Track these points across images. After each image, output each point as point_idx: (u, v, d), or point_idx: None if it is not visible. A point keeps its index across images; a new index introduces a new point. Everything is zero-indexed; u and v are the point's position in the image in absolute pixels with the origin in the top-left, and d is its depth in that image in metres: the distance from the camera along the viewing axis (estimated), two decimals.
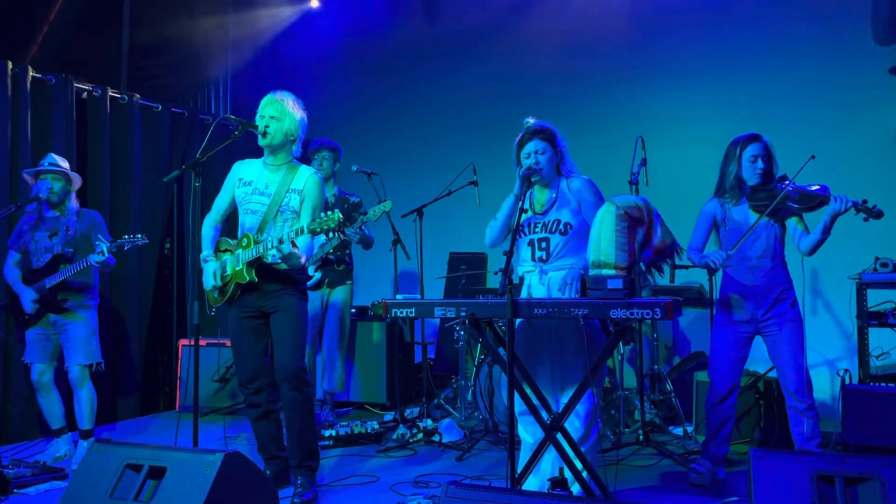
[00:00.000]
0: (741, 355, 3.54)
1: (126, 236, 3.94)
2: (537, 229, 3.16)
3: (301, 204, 3.37)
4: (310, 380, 3.43)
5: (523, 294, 3.18)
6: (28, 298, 4.02)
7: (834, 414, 4.48)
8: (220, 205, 3.55)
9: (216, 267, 3.39)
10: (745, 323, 3.50)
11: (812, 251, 3.43)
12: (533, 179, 3.12)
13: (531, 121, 3.23)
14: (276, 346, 3.38)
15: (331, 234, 3.13)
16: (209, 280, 3.39)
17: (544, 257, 3.14)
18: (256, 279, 3.29)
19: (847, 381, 3.96)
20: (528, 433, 3.16)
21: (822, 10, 5.27)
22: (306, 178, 3.40)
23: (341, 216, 3.04)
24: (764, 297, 3.45)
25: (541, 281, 3.15)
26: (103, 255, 3.84)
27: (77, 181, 4.17)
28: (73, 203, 4.15)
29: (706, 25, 5.64)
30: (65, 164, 4.14)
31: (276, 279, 3.36)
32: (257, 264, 3.30)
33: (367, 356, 5.48)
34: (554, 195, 3.19)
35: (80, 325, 4.06)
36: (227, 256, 3.40)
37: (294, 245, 3.15)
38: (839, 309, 5.08)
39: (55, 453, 4.08)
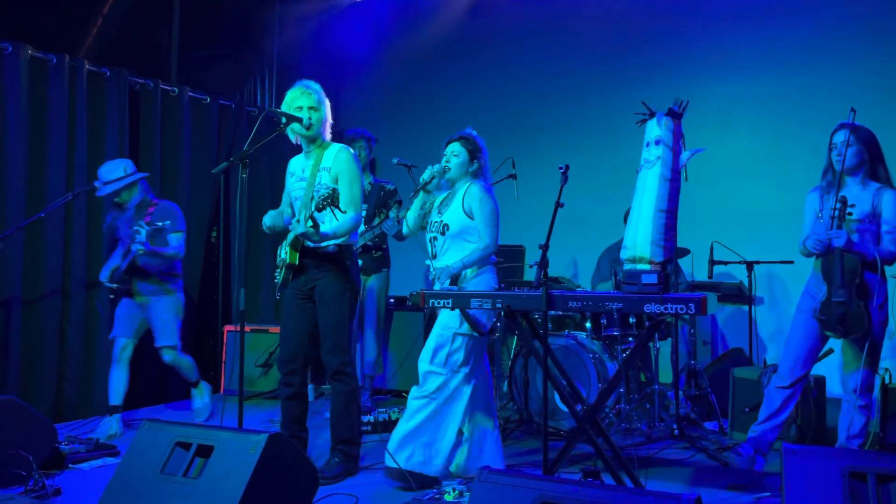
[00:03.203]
0: (816, 344, 3.45)
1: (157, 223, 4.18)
2: (433, 229, 3.46)
3: (336, 181, 3.46)
4: (352, 372, 3.54)
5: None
6: (104, 275, 4.40)
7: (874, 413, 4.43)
8: (284, 199, 3.74)
9: (275, 213, 3.58)
10: None
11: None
12: (436, 177, 3.47)
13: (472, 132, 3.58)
14: (320, 339, 3.51)
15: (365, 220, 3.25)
16: (269, 219, 3.55)
17: (435, 254, 3.44)
18: (297, 262, 3.44)
19: (887, 380, 3.92)
20: None
21: (868, 2, 5.16)
22: (335, 154, 3.50)
23: (338, 191, 3.22)
24: None
25: (433, 277, 3.43)
26: (142, 246, 4.06)
27: (137, 178, 4.41)
28: (140, 195, 4.42)
29: (747, 18, 5.56)
30: (114, 173, 4.33)
31: (318, 263, 3.48)
32: (300, 246, 3.44)
33: (405, 345, 5.58)
34: (451, 199, 3.46)
35: (160, 307, 4.42)
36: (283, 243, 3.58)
37: (315, 223, 3.24)
38: None
39: (108, 431, 4.27)
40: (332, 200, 3.19)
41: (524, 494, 2.03)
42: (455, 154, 3.47)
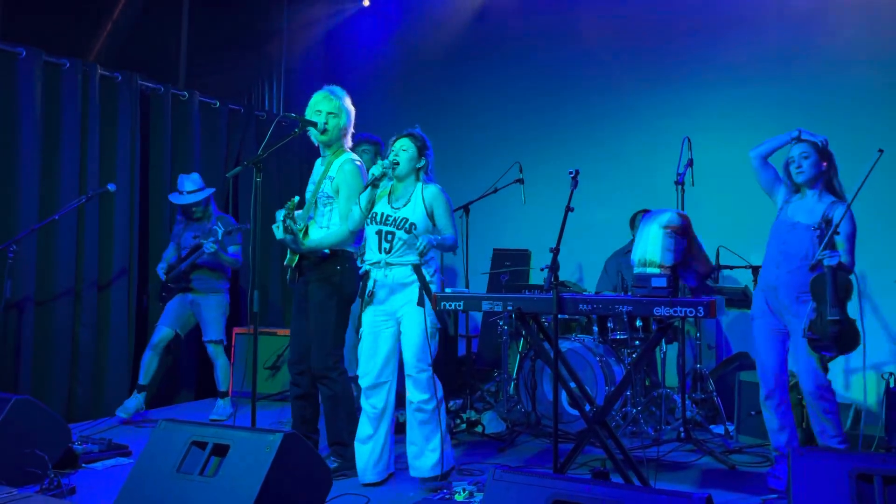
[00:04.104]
0: (778, 347, 3.48)
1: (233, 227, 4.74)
2: (388, 222, 3.43)
3: (337, 191, 3.54)
4: (337, 378, 3.54)
5: (369, 288, 3.47)
6: (160, 268, 4.90)
7: (879, 418, 4.46)
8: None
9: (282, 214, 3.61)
10: (774, 314, 3.47)
11: None
12: (388, 174, 3.46)
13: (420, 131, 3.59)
14: (310, 343, 3.57)
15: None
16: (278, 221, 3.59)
17: (388, 249, 3.40)
18: (294, 264, 3.53)
19: (891, 385, 3.95)
20: (369, 405, 3.44)
21: (877, 10, 5.19)
22: (340, 164, 3.57)
23: (297, 199, 3.33)
24: (786, 295, 3.40)
25: (385, 276, 3.41)
26: (215, 245, 4.58)
27: (211, 191, 4.90)
28: (214, 209, 4.95)
29: (754, 25, 5.58)
30: (197, 184, 4.85)
31: (312, 266, 3.55)
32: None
33: None
34: (409, 196, 3.45)
35: (211, 305, 4.84)
36: None
37: (289, 231, 3.35)
38: (887, 312, 5.03)
39: (133, 405, 4.61)
40: (288, 213, 3.34)
41: (538, 493, 2.07)
42: (404, 149, 3.48)
